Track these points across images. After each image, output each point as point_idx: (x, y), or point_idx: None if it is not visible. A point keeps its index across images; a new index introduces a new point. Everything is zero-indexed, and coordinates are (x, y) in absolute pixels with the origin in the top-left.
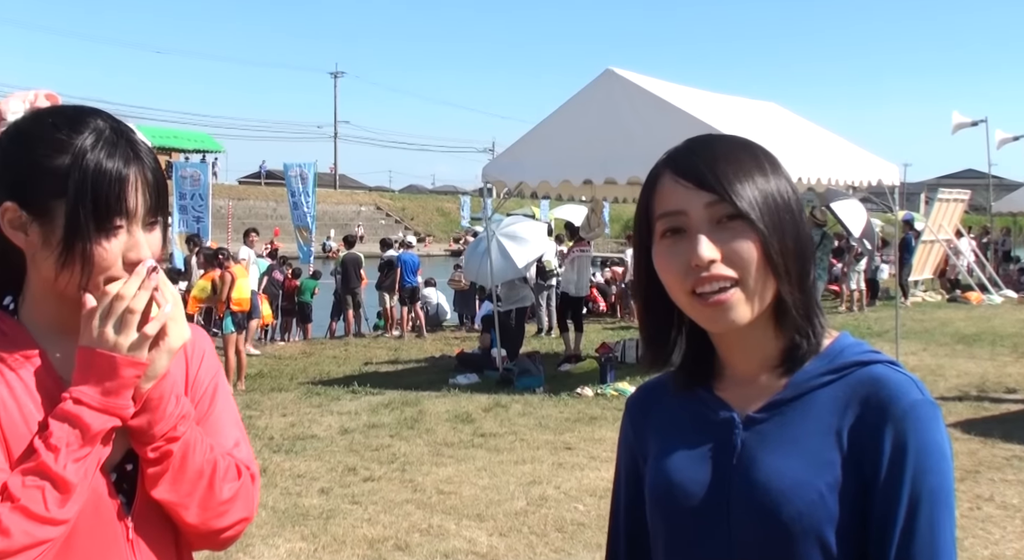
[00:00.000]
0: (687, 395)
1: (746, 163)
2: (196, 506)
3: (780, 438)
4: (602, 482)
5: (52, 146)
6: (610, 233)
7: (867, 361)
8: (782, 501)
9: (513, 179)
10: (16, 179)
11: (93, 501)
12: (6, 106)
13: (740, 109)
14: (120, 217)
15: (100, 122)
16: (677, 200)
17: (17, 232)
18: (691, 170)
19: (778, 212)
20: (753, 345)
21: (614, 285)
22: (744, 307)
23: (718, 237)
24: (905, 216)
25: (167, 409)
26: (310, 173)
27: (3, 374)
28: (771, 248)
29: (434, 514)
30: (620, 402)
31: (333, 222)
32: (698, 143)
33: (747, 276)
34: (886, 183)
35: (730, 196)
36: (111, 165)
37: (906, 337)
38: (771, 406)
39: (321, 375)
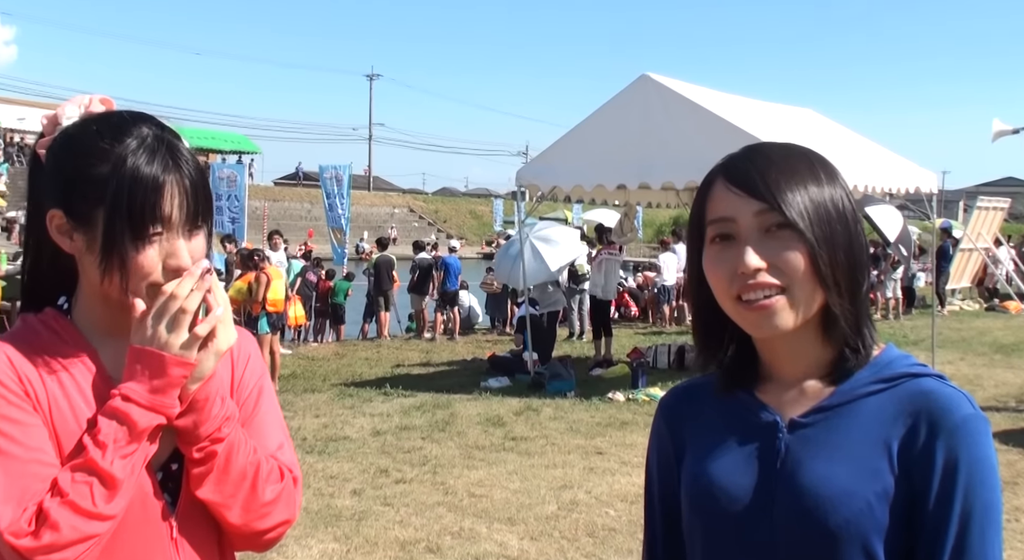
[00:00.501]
0: (726, 398)
1: (800, 171)
2: (239, 507)
3: (826, 444)
4: (633, 487)
5: (95, 155)
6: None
7: (917, 373)
8: (829, 508)
9: (547, 183)
10: (63, 187)
11: (139, 499)
12: (62, 111)
13: (776, 115)
14: (156, 225)
15: (144, 129)
16: (728, 207)
17: (64, 238)
18: (743, 178)
19: (830, 222)
20: (800, 352)
21: (646, 290)
22: (788, 314)
23: (766, 245)
24: (943, 224)
25: (212, 410)
26: (345, 175)
27: (56, 372)
28: (819, 259)
29: (465, 517)
30: (651, 407)
31: (367, 224)
32: (754, 150)
33: (793, 285)
34: (924, 190)
35: (779, 205)
36: (148, 173)
37: (943, 346)
38: (817, 411)
39: (353, 377)
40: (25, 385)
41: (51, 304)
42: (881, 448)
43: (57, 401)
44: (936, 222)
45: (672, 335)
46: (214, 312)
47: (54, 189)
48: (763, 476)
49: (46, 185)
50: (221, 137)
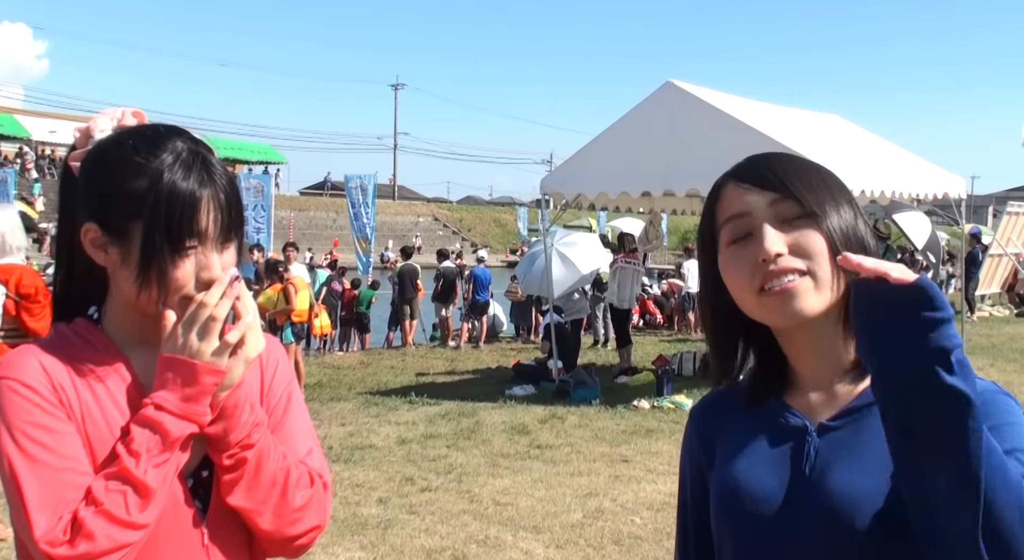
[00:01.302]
0: (756, 405)
1: (808, 172)
2: (270, 513)
3: (855, 446)
4: (659, 495)
5: (130, 169)
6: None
7: None
8: (855, 510)
9: (571, 191)
10: (97, 201)
11: (170, 506)
12: (95, 124)
13: (802, 122)
14: (192, 238)
15: (179, 144)
16: (740, 203)
17: (98, 251)
18: (753, 173)
19: (841, 214)
20: (825, 348)
21: (671, 297)
22: (813, 296)
23: (785, 232)
24: (972, 229)
25: (242, 417)
26: (370, 184)
27: (89, 381)
28: (837, 240)
29: (491, 525)
30: (677, 415)
31: (391, 233)
32: (759, 155)
33: (816, 267)
34: (952, 196)
35: (794, 194)
36: (185, 188)
37: (972, 352)
38: (845, 414)
39: (379, 385)
40: (59, 393)
41: (82, 314)
42: None
43: (90, 409)
44: (965, 228)
45: (697, 342)
46: (244, 319)
47: (88, 203)
48: (792, 481)
49: (80, 198)
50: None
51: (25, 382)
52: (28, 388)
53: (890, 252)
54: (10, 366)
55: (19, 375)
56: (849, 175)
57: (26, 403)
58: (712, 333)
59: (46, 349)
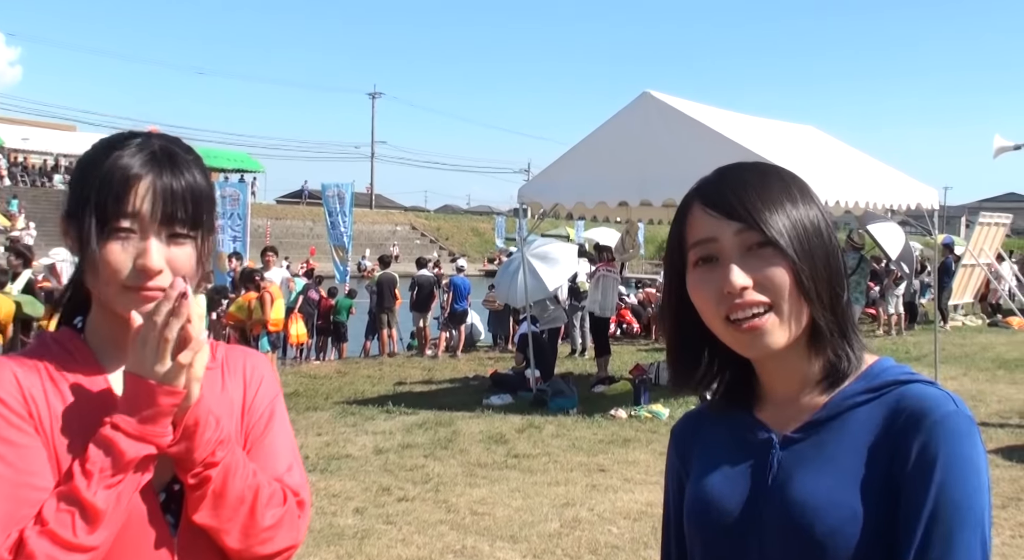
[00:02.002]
0: (728, 420)
1: (774, 191)
2: (238, 532)
3: (816, 457)
4: (636, 505)
5: (96, 160)
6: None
7: (905, 380)
8: (815, 518)
9: (549, 200)
10: (69, 196)
11: (140, 521)
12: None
13: (778, 132)
14: (124, 219)
15: (154, 140)
16: (708, 229)
17: (73, 245)
18: (719, 200)
19: (808, 238)
20: (792, 368)
21: (648, 306)
22: (779, 332)
23: (749, 264)
24: (945, 240)
25: (204, 435)
26: (347, 193)
27: (63, 392)
28: (802, 273)
29: (468, 535)
30: (654, 424)
31: (369, 242)
32: (727, 171)
33: (780, 301)
34: (925, 206)
35: (758, 224)
36: (125, 167)
37: (946, 362)
38: (808, 426)
39: (355, 394)
40: (29, 405)
41: (68, 324)
42: (866, 456)
43: (62, 422)
44: (938, 238)
45: None
46: (197, 338)
47: (68, 201)
48: (754, 491)
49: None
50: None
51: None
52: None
53: (864, 262)
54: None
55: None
56: (823, 186)
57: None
58: (673, 343)
59: (22, 359)
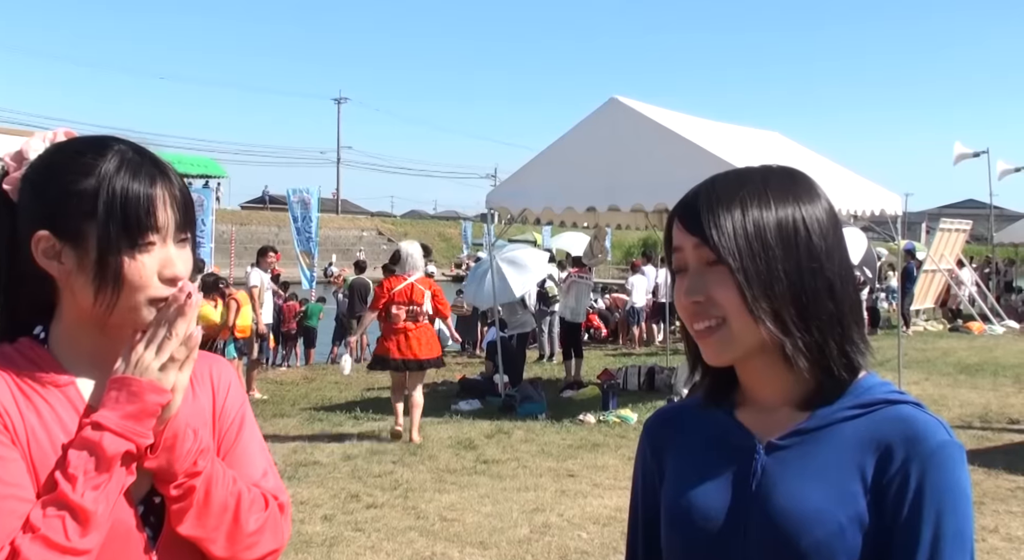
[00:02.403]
0: (707, 420)
1: (747, 200)
2: (223, 540)
3: (802, 466)
4: (605, 510)
5: (78, 170)
6: (612, 260)
7: (895, 400)
8: (801, 529)
9: (517, 205)
10: (47, 207)
11: (120, 533)
12: (27, 146)
13: (743, 138)
14: (151, 233)
15: (122, 146)
16: (677, 239)
17: (51, 261)
18: (686, 211)
19: (767, 253)
20: (770, 377)
21: (616, 311)
22: (727, 346)
23: (704, 279)
24: (906, 245)
25: (184, 446)
26: (313, 198)
27: (34, 404)
28: (747, 294)
29: (437, 542)
30: (622, 429)
31: (335, 247)
32: (710, 181)
33: (729, 318)
34: (888, 212)
35: (709, 240)
36: (139, 181)
37: (908, 366)
38: (794, 434)
39: (323, 401)
40: (4, 418)
41: (26, 334)
42: (855, 473)
43: (36, 433)
44: (900, 244)
45: (642, 357)
46: (194, 336)
47: (37, 213)
48: (738, 497)
49: (26, 213)
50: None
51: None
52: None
53: None
54: None
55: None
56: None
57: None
58: (685, 341)
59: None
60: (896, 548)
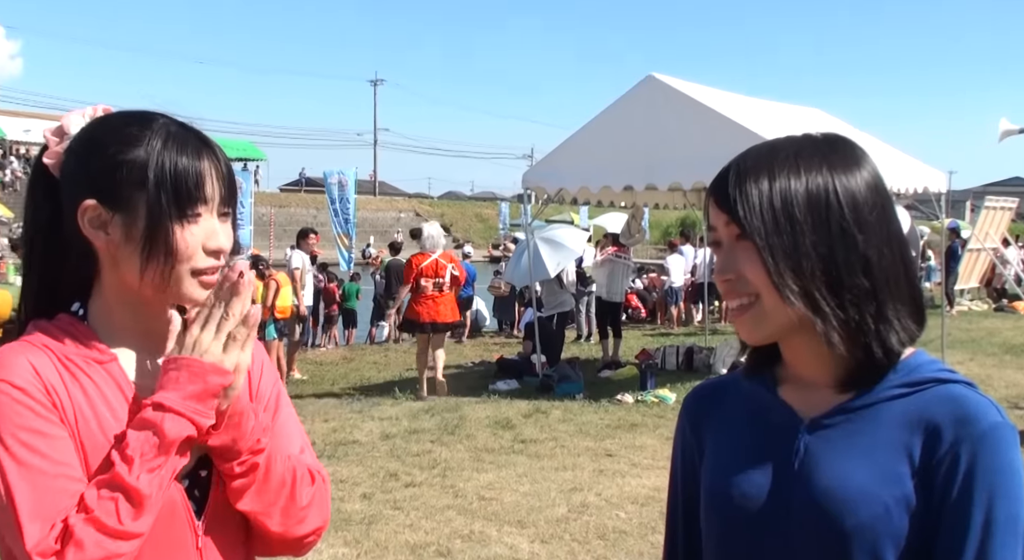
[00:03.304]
0: (748, 396)
1: (777, 171)
2: (279, 515)
3: (847, 445)
4: (643, 489)
5: (125, 141)
6: (650, 239)
7: (945, 379)
8: (845, 510)
9: (553, 185)
10: (94, 177)
11: (166, 509)
12: (68, 121)
13: (784, 115)
14: (200, 205)
15: (166, 119)
16: (712, 216)
17: (97, 232)
18: (718, 189)
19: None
20: (812, 355)
21: (654, 291)
22: (761, 324)
23: (736, 256)
24: (950, 224)
25: (249, 424)
26: (350, 180)
27: (79, 381)
28: (772, 271)
29: (475, 520)
30: (661, 409)
31: (373, 229)
32: (744, 155)
33: (763, 295)
34: (932, 190)
35: (737, 217)
36: (187, 153)
37: (952, 347)
38: (838, 412)
39: (362, 381)
40: (51, 395)
41: (63, 311)
42: (903, 453)
43: (83, 411)
44: (944, 222)
45: (680, 337)
46: (254, 314)
47: (82, 183)
48: (780, 476)
49: (71, 185)
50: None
51: (15, 384)
52: (19, 390)
53: None
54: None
55: (8, 376)
56: None
57: (17, 406)
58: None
59: (30, 347)
60: (944, 531)
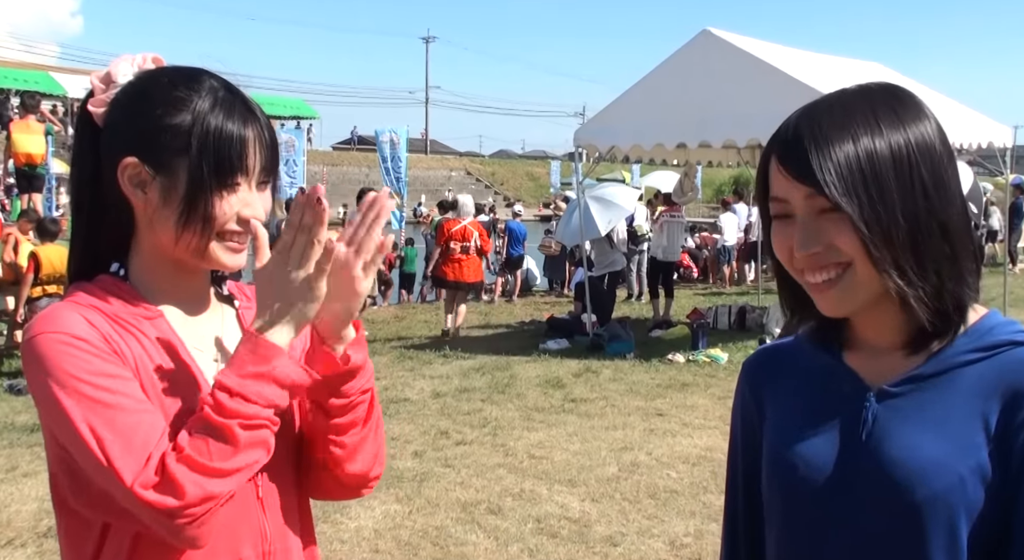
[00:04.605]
0: (812, 363)
1: (854, 130)
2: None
3: (918, 415)
4: (695, 449)
5: (172, 103)
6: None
7: (1021, 342)
8: (916, 481)
9: (605, 143)
10: (137, 135)
11: None
12: (116, 69)
13: (843, 70)
14: (240, 175)
15: (214, 82)
16: (781, 188)
17: (135, 190)
18: (791, 159)
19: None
20: (883, 318)
21: (705, 250)
22: (851, 297)
23: (820, 228)
24: (1014, 180)
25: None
26: (401, 138)
27: (133, 334)
28: (871, 245)
29: (526, 479)
30: (712, 369)
31: (424, 187)
32: (806, 115)
33: (856, 265)
34: (996, 145)
35: (827, 190)
36: (232, 122)
37: (1014, 305)
38: (909, 380)
39: (413, 339)
40: (110, 344)
41: (103, 271)
42: (977, 421)
43: (142, 360)
44: (1008, 178)
45: (732, 296)
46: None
47: (126, 139)
48: (847, 446)
49: (114, 138)
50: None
51: (74, 334)
52: (80, 339)
53: None
54: (52, 321)
55: (66, 328)
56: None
57: (82, 354)
58: (780, 281)
59: (78, 305)
60: (1021, 502)
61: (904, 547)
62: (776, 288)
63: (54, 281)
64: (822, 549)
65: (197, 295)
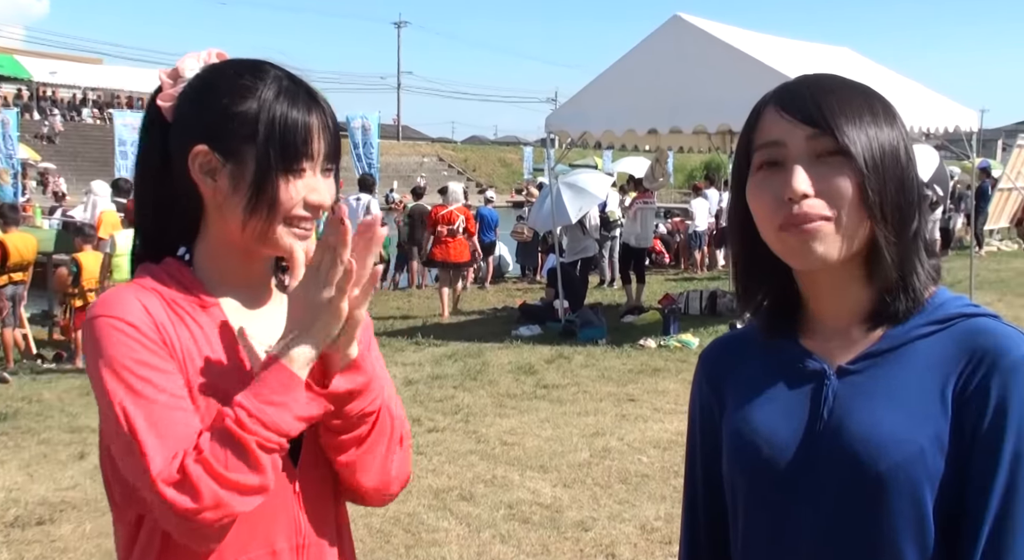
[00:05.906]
0: (769, 347)
1: (856, 103)
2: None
3: (876, 390)
4: (666, 434)
5: (238, 92)
6: (674, 183)
7: (971, 314)
8: (878, 454)
9: (577, 129)
10: (207, 124)
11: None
12: (183, 64)
13: (812, 55)
14: (305, 160)
15: (278, 71)
16: (777, 131)
17: (205, 178)
18: (798, 103)
19: (882, 157)
20: (843, 293)
21: (677, 235)
22: (833, 242)
23: (815, 172)
24: (981, 163)
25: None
26: (373, 124)
27: (185, 323)
28: (869, 186)
29: (498, 465)
30: (683, 354)
31: (396, 173)
32: (810, 78)
33: (840, 212)
34: (963, 129)
35: (833, 130)
36: (298, 109)
37: (980, 287)
38: (866, 357)
39: (385, 327)
40: (162, 333)
41: (170, 254)
42: (935, 392)
43: (189, 351)
44: (975, 161)
45: (704, 281)
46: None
47: (195, 128)
48: (809, 425)
49: (183, 129)
50: None
51: (128, 320)
52: (131, 326)
53: None
54: (110, 304)
55: (121, 313)
56: None
57: (131, 341)
58: (739, 261)
59: (142, 288)
60: (974, 465)
61: (869, 522)
62: (735, 273)
63: (20, 268)
64: (785, 527)
65: (258, 285)
